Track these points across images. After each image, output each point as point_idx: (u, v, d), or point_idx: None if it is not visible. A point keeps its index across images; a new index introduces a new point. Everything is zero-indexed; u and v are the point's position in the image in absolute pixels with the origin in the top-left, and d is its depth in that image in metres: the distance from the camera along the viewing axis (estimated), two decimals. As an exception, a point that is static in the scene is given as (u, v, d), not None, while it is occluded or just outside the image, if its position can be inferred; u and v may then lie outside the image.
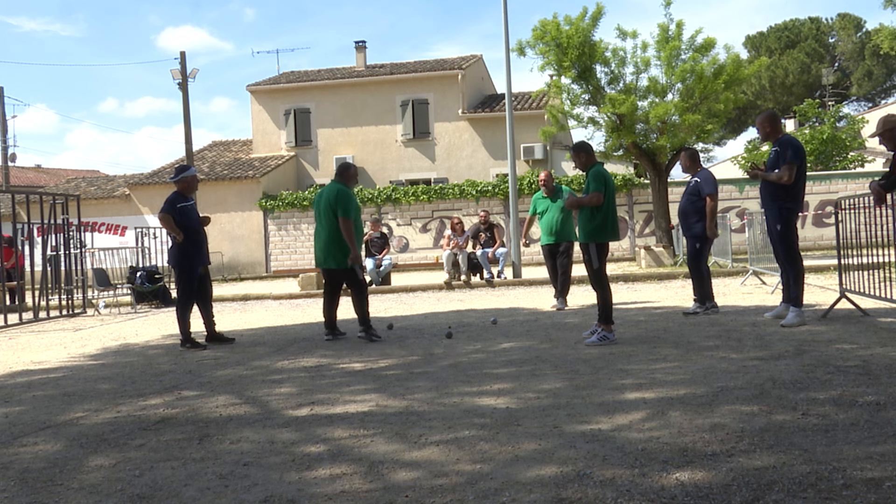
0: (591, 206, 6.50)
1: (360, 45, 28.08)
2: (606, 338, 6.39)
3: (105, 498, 3.11)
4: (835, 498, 2.61)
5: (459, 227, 15.09)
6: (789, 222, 6.85)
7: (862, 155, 27.18)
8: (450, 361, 5.94)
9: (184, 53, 24.17)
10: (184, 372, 6.24)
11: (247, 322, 10.37)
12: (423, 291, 14.27)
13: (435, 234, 22.41)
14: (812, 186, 19.59)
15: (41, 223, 13.50)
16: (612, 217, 6.59)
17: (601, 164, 6.78)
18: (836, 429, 3.41)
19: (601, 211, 6.51)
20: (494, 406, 4.29)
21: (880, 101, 44.47)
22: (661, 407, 4.01)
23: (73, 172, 41.04)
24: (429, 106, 25.73)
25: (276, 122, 26.80)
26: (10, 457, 3.84)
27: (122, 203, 25.04)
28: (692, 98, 16.10)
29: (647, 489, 2.80)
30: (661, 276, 13.96)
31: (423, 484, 3.02)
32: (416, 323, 8.96)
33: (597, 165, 6.67)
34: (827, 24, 47.31)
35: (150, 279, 14.75)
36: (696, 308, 8.05)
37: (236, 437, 3.96)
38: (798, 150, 6.74)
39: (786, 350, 5.48)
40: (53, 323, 12.23)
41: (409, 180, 25.33)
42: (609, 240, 6.62)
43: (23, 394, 5.65)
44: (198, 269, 7.80)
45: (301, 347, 7.33)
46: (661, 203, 17.27)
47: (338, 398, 4.78)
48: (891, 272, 7.13)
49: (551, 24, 16.48)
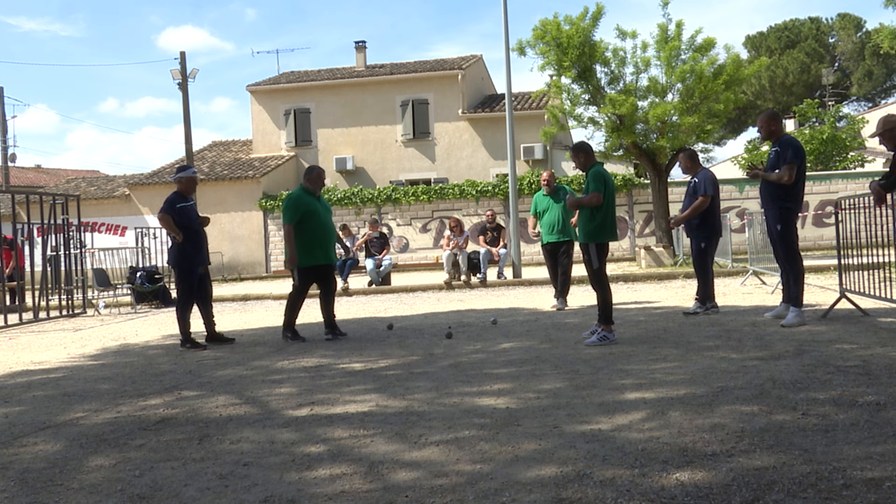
0: (590, 206, 6.52)
1: (360, 45, 28.08)
2: (606, 338, 6.39)
3: (105, 498, 3.11)
4: (835, 498, 2.61)
5: (458, 228, 15.12)
6: (789, 222, 6.85)
7: (862, 155, 27.18)
8: (450, 361, 5.94)
9: (183, 53, 24.18)
10: (184, 372, 6.24)
11: (247, 322, 10.37)
12: (423, 291, 14.27)
13: (435, 235, 22.41)
14: (812, 186, 19.60)
15: (41, 223, 13.50)
16: (612, 217, 6.62)
17: (601, 164, 6.80)
18: (836, 429, 3.40)
19: (601, 211, 6.52)
20: (494, 406, 4.29)
21: (880, 101, 44.48)
22: (661, 407, 4.01)
23: (73, 172, 41.04)
24: (429, 106, 25.72)
25: (276, 122, 26.80)
26: (10, 457, 3.84)
27: (122, 203, 25.04)
28: (692, 98, 16.10)
29: (647, 489, 2.80)
30: (661, 276, 13.96)
31: (423, 484, 3.02)
32: (416, 323, 8.96)
33: (596, 165, 6.69)
34: (827, 24, 47.31)
35: (150, 279, 14.75)
36: (696, 308, 8.05)
37: (236, 437, 3.96)
38: (798, 150, 6.75)
39: (786, 350, 5.48)
40: (53, 323, 12.23)
41: (409, 180, 25.33)
42: (609, 240, 6.64)
43: (23, 394, 5.65)
44: (198, 270, 7.80)
45: (301, 347, 7.33)
46: (661, 203, 17.27)
47: (338, 398, 4.78)
48: (891, 272, 7.13)
49: (551, 24, 16.48)
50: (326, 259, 7.84)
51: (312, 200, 7.74)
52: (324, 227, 7.71)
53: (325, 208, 7.89)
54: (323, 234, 7.71)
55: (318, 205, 7.74)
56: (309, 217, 7.62)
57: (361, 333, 8.22)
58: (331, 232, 7.86)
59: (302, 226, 7.61)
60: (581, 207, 6.68)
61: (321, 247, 7.73)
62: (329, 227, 7.81)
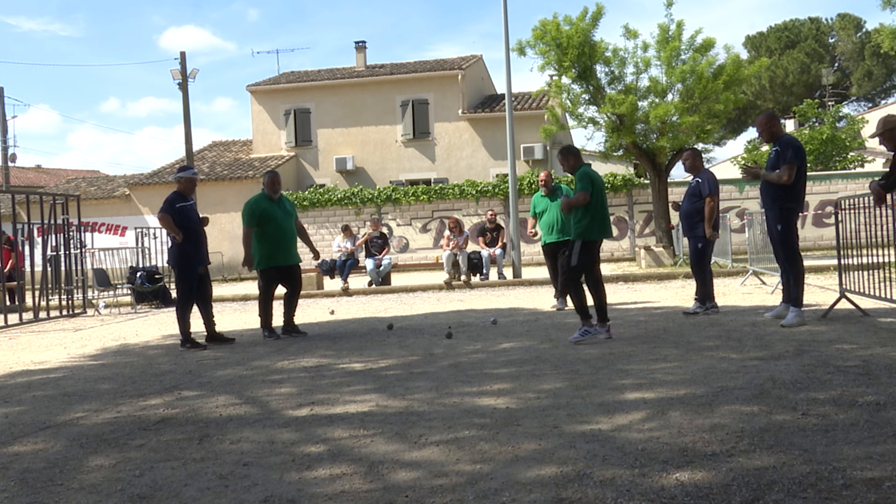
0: (579, 205, 6.64)
1: (360, 45, 28.08)
2: (588, 332, 6.54)
3: (105, 498, 3.11)
4: (835, 498, 2.61)
5: (457, 228, 15.13)
6: (790, 222, 6.85)
7: (862, 155, 27.17)
8: (450, 361, 5.94)
9: (184, 53, 24.17)
10: (184, 372, 6.24)
11: (247, 322, 10.37)
12: (423, 291, 14.27)
13: (435, 235, 22.40)
14: (812, 186, 19.58)
15: (41, 223, 13.50)
16: (601, 215, 6.72)
17: (588, 164, 6.94)
18: (836, 429, 3.40)
19: (589, 209, 6.65)
20: (494, 406, 4.29)
21: (880, 101, 44.48)
22: (661, 407, 4.01)
23: (73, 172, 41.03)
24: (429, 106, 25.72)
25: (276, 123, 26.80)
26: (10, 457, 3.84)
27: (122, 203, 25.04)
28: (692, 98, 16.10)
29: (647, 489, 2.80)
30: (661, 276, 13.96)
31: (423, 484, 3.02)
32: (416, 323, 8.96)
33: (584, 166, 6.84)
34: (827, 24, 47.31)
35: (150, 279, 14.75)
36: (696, 308, 8.05)
37: (236, 437, 3.96)
38: (798, 150, 6.75)
39: (786, 350, 5.48)
40: (53, 323, 12.23)
41: (409, 180, 25.33)
42: (599, 237, 6.75)
43: (23, 394, 5.65)
44: (197, 270, 7.80)
45: (301, 347, 7.33)
46: (661, 203, 17.27)
47: (338, 398, 4.78)
48: (891, 272, 7.13)
49: (551, 24, 16.49)
50: (285, 260, 8.17)
51: (270, 205, 8.10)
52: (281, 230, 8.07)
53: (286, 212, 8.21)
54: (281, 237, 8.08)
55: (276, 209, 8.10)
56: (266, 221, 8.00)
57: (361, 333, 8.22)
58: (289, 235, 8.19)
59: (261, 230, 8.00)
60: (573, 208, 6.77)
61: (279, 249, 8.09)
62: (287, 230, 8.15)
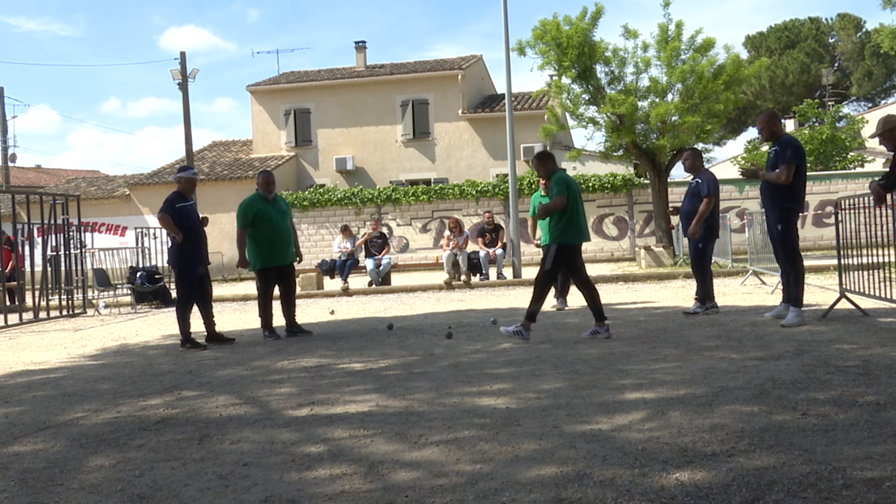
0: (556, 210, 6.70)
1: (360, 45, 28.08)
2: (520, 333, 6.72)
3: (105, 498, 3.11)
4: (835, 498, 2.61)
5: (457, 228, 15.14)
6: (790, 222, 6.85)
7: (862, 155, 27.17)
8: (450, 361, 5.94)
9: (183, 54, 24.18)
10: (184, 372, 6.24)
11: (247, 322, 10.37)
12: (423, 291, 14.27)
13: (435, 235, 22.40)
14: (812, 186, 19.57)
15: (41, 223, 13.50)
16: (577, 219, 6.77)
17: (563, 170, 7.02)
18: (836, 429, 3.40)
19: (565, 213, 6.71)
20: (494, 406, 4.29)
21: (880, 101, 44.47)
22: (661, 407, 4.01)
23: (73, 172, 41.04)
24: (429, 106, 25.72)
25: (276, 123, 26.80)
26: (10, 457, 3.84)
27: (122, 203, 25.04)
28: (692, 98, 16.10)
29: (647, 489, 2.80)
30: (661, 276, 13.96)
31: (423, 484, 3.02)
32: (416, 323, 8.96)
33: (559, 172, 6.92)
34: (827, 24, 47.30)
35: (150, 279, 14.75)
36: (696, 308, 8.05)
37: (236, 437, 3.95)
38: (798, 149, 6.75)
39: (786, 350, 5.48)
40: (53, 323, 12.23)
41: (409, 180, 25.33)
42: (574, 241, 6.81)
43: (23, 394, 5.65)
44: (197, 270, 7.81)
45: (301, 347, 7.33)
46: (661, 203, 17.27)
47: (338, 398, 4.77)
48: (891, 272, 7.13)
49: (551, 24, 16.49)
50: (281, 261, 8.16)
51: (265, 206, 8.10)
52: (277, 230, 8.06)
53: (280, 211, 8.20)
54: (277, 237, 8.07)
55: (270, 209, 8.09)
56: (261, 222, 8.00)
57: (361, 333, 8.22)
58: (285, 234, 8.17)
59: (255, 230, 8.00)
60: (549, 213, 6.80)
61: (275, 250, 8.07)
62: (283, 230, 8.13)
